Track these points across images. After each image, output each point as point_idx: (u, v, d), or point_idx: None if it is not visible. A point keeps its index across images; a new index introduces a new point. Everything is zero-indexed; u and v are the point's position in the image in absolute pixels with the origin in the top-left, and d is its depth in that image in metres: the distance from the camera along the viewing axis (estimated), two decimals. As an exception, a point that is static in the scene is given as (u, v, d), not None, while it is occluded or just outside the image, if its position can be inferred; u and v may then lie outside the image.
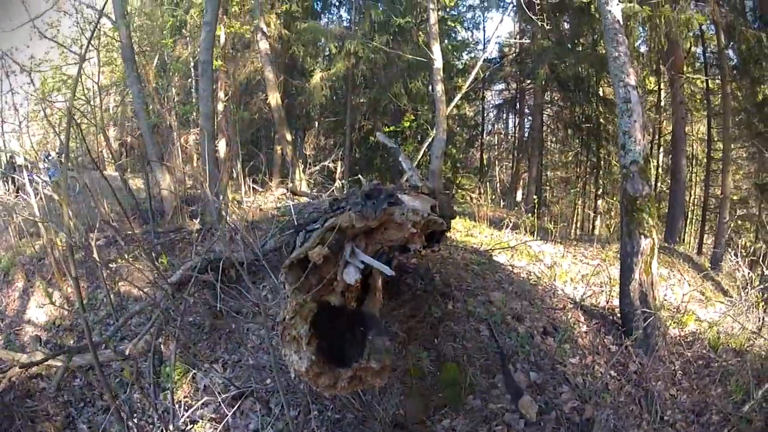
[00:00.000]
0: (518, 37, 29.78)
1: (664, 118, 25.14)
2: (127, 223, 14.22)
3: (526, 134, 29.84)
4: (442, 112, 17.53)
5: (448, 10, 28.37)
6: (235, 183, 19.79)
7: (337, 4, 29.50)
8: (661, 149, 26.55)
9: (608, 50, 10.04)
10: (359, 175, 25.07)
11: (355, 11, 26.17)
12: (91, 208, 14.03)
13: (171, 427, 7.11)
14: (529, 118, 29.88)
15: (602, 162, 27.19)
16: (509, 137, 35.15)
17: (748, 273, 11.37)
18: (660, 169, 26.21)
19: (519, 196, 28.02)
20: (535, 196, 21.38)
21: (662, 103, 25.07)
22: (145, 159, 17.21)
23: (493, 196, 24.43)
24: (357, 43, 22.96)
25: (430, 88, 21.59)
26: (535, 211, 15.50)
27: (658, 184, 25.70)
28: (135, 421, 7.90)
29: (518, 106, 31.41)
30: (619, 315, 9.47)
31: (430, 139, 20.59)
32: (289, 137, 22.56)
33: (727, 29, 18.24)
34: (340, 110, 27.61)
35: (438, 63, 17.69)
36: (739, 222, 21.76)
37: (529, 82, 27.82)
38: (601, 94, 25.40)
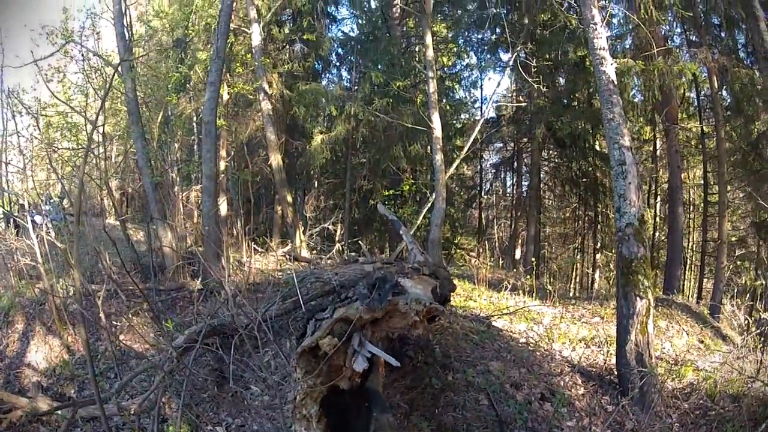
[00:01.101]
0: (515, 94, 30.20)
1: (660, 166, 25.34)
2: (127, 276, 14.32)
3: (524, 193, 30.01)
4: (442, 181, 17.75)
5: (446, 69, 28.88)
6: (235, 242, 19.92)
7: (338, 64, 29.97)
8: (659, 198, 26.72)
9: (603, 112, 10.29)
10: (358, 237, 25.32)
11: (355, 71, 26.53)
12: (92, 256, 14.13)
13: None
14: (527, 176, 30.10)
15: (600, 216, 27.30)
16: (507, 195, 35.39)
17: (745, 319, 11.49)
18: (657, 218, 26.33)
19: (518, 254, 28.12)
20: (533, 259, 21.46)
21: (658, 152, 25.33)
22: (147, 216, 17.42)
23: (492, 258, 24.48)
24: (357, 105, 23.22)
25: (429, 149, 21.80)
26: (534, 271, 15.62)
27: (656, 234, 25.81)
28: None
29: (516, 165, 31.65)
30: (616, 374, 9.57)
31: (429, 204, 20.74)
32: (289, 199, 22.68)
33: (719, 72, 18.58)
34: (340, 171, 27.81)
35: (437, 131, 17.95)
36: (738, 262, 21.87)
37: (526, 140, 28.09)
38: (598, 148, 25.60)
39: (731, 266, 21.05)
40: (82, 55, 18.35)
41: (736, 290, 17.93)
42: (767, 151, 15.84)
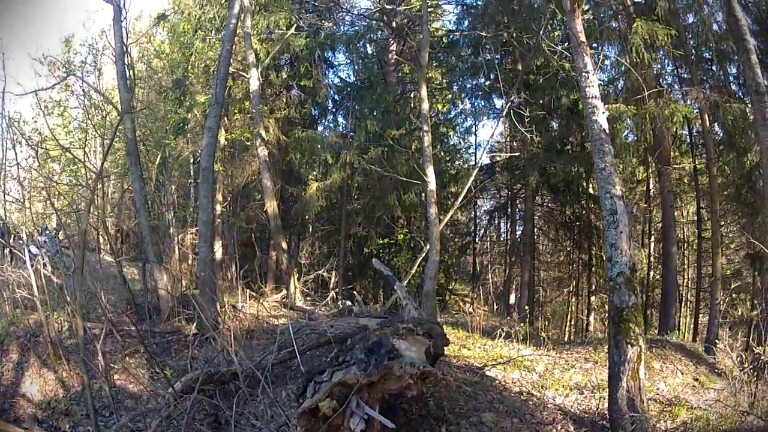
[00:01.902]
0: (509, 139, 30.45)
1: (654, 206, 25.50)
2: (122, 315, 14.38)
3: (518, 239, 30.12)
4: (436, 234, 17.83)
5: (441, 116, 29.13)
6: (230, 286, 19.97)
7: (334, 110, 30.33)
8: (653, 237, 26.83)
9: (595, 161, 10.46)
10: (353, 284, 25.37)
11: (351, 117, 26.73)
12: (87, 293, 14.14)
13: None
14: (521, 222, 30.23)
15: (594, 259, 27.35)
16: (501, 240, 35.50)
17: (738, 355, 11.57)
18: (652, 258, 26.42)
19: (512, 299, 28.15)
20: (527, 307, 21.50)
21: (651, 192, 25.51)
22: (143, 256, 17.49)
23: (486, 304, 24.52)
24: (353, 154, 23.51)
25: (423, 196, 21.90)
26: (528, 318, 15.69)
27: (651, 273, 25.88)
28: None
29: (509, 211, 31.81)
30: (608, 420, 9.62)
31: (423, 254, 20.83)
32: (284, 245, 22.73)
33: (711, 110, 18.80)
34: (335, 218, 27.89)
35: (432, 185, 18.06)
36: (734, 295, 21.91)
37: (520, 186, 28.28)
38: (591, 191, 25.72)
39: (727, 299, 21.10)
40: (83, 90, 18.55)
41: (732, 322, 18.04)
42: (760, 182, 15.94)
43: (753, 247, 18.39)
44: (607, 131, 10.48)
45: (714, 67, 20.37)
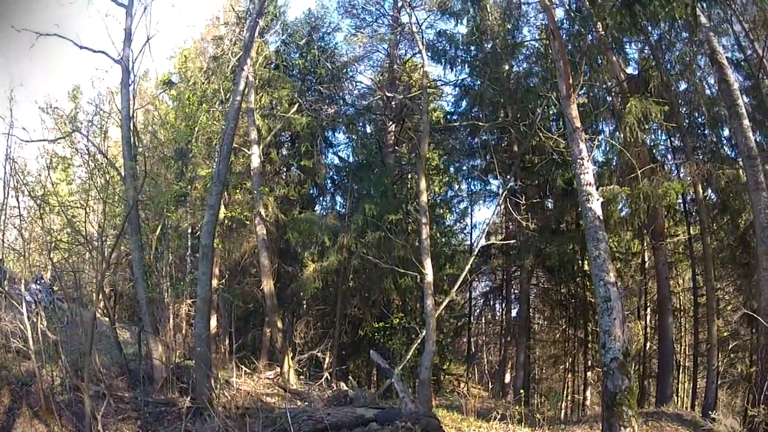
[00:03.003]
0: (504, 219, 30.61)
1: (649, 277, 25.51)
2: (115, 379, 14.34)
3: (513, 319, 30.02)
4: (432, 325, 17.96)
5: (437, 197, 29.37)
6: (223, 360, 19.91)
7: (333, 190, 30.65)
8: (648, 308, 26.76)
9: (589, 249, 10.66)
10: (347, 363, 25.23)
11: (349, 198, 26.89)
12: (79, 343, 14.13)
13: None
14: (516, 303, 30.19)
15: (590, 335, 27.17)
16: (497, 319, 35.36)
17: (734, 417, 11.54)
18: (648, 329, 26.30)
19: (508, 378, 27.95)
20: (522, 390, 21.42)
21: (647, 264, 25.55)
22: (140, 326, 17.51)
23: (481, 386, 24.35)
24: (350, 237, 23.61)
25: (419, 279, 21.90)
26: (523, 399, 15.63)
27: (647, 344, 25.73)
28: None
29: (505, 292, 31.76)
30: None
31: (418, 340, 20.94)
32: (280, 324, 22.75)
33: (704, 180, 19.13)
34: (330, 298, 27.80)
35: (429, 276, 18.27)
36: (732, 355, 21.79)
37: (515, 268, 28.33)
38: (587, 268, 25.75)
39: (725, 360, 21.06)
40: (87, 150, 18.73)
41: (732, 380, 17.95)
42: (755, 241, 16.06)
43: (750, 306, 18.43)
44: (601, 218, 10.70)
45: (707, 131, 20.89)
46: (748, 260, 19.00)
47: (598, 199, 10.90)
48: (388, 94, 25.25)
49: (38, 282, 18.44)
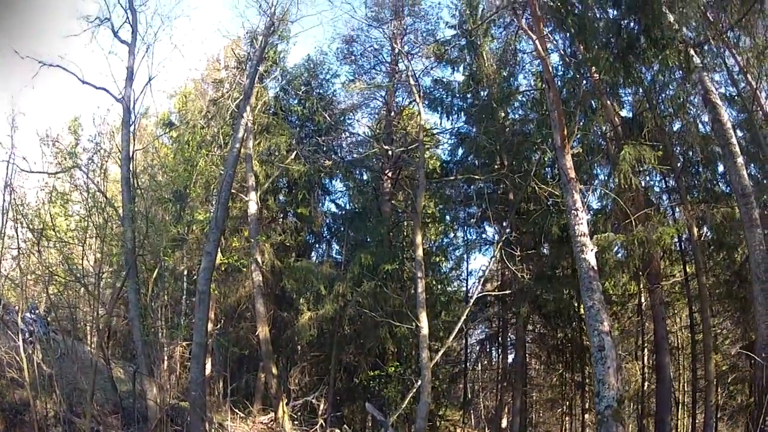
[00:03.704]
0: (500, 266, 30.61)
1: (646, 318, 25.45)
2: (108, 416, 14.31)
3: (510, 365, 29.88)
4: (428, 377, 18.12)
5: (433, 245, 29.39)
6: (217, 403, 19.85)
7: (329, 238, 30.77)
8: (646, 349, 26.66)
9: (583, 299, 10.78)
10: (341, 409, 25.07)
11: (345, 246, 26.90)
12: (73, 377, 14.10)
13: None
14: (512, 349, 30.06)
15: (587, 379, 27.00)
16: (493, 365, 35.17)
17: None
18: (645, 369, 26.18)
19: (504, 423, 27.76)
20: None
21: (643, 305, 25.49)
22: (135, 367, 17.50)
23: (478, 429, 24.20)
24: (346, 286, 23.53)
25: (414, 325, 21.84)
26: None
27: (645, 384, 25.61)
28: None
29: (501, 339, 31.61)
30: None
31: (414, 389, 20.86)
32: (274, 370, 22.69)
33: (698, 220, 19.32)
34: (325, 345, 27.64)
35: (424, 330, 18.38)
36: (731, 387, 21.69)
37: (511, 315, 28.26)
38: (582, 312, 25.71)
39: (725, 393, 21.00)
40: (87, 187, 18.79)
41: (732, 411, 17.86)
42: (750, 276, 16.09)
43: (748, 337, 18.44)
44: (596, 269, 10.82)
45: (701, 169, 21.09)
46: (745, 294, 19.10)
47: (592, 250, 11.05)
48: (386, 147, 25.38)
49: (33, 312, 18.44)
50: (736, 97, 19.25)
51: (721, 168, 20.40)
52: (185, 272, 23.67)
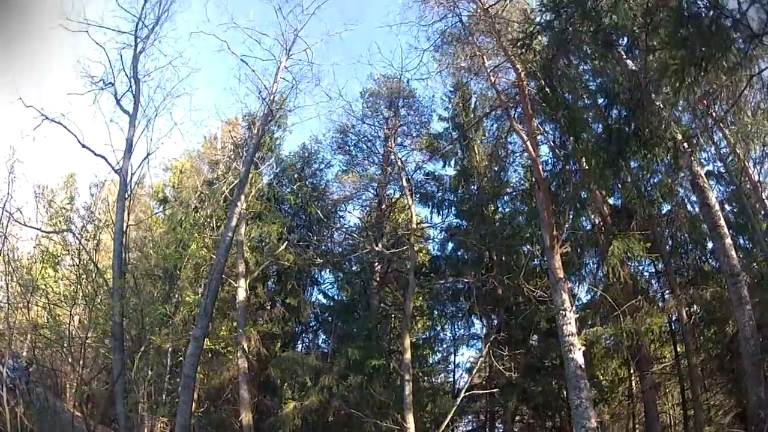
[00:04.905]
0: (487, 358, 30.41)
1: (636, 401, 25.20)
2: None
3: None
4: None
5: (420, 338, 29.24)
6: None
7: (316, 328, 30.51)
8: (637, 431, 26.34)
9: (571, 398, 10.84)
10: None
11: (333, 337, 26.76)
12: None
13: None
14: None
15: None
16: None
17: None
18: None
19: None
20: None
21: (634, 389, 25.28)
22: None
23: None
24: (332, 378, 23.35)
25: (400, 417, 21.56)
26: None
27: None
28: None
29: (489, 431, 31.25)
30: None
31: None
32: (258, 459, 22.40)
33: (688, 305, 19.44)
34: (309, 432, 27.30)
35: (411, 430, 18.21)
36: None
37: (499, 407, 27.99)
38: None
39: None
40: (78, 253, 18.73)
41: None
42: (741, 347, 16.04)
43: (741, 405, 18.33)
44: (583, 367, 10.87)
45: (690, 248, 21.43)
46: (736, 366, 18.99)
47: (579, 349, 11.13)
48: (376, 248, 25.42)
49: (15, 360, 18.26)
50: (723, 173, 19.87)
51: (710, 244, 20.49)
52: (170, 350, 23.45)
